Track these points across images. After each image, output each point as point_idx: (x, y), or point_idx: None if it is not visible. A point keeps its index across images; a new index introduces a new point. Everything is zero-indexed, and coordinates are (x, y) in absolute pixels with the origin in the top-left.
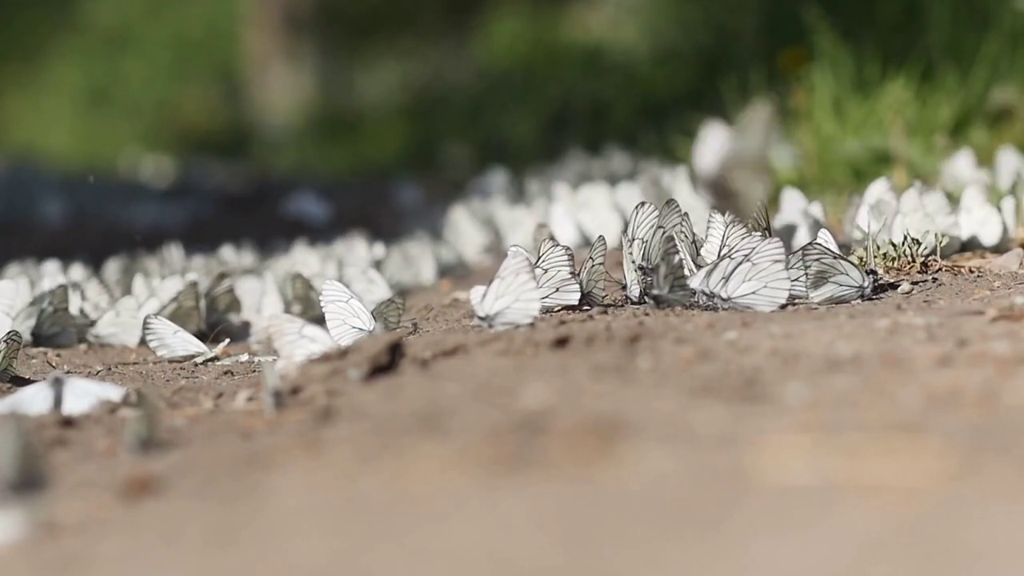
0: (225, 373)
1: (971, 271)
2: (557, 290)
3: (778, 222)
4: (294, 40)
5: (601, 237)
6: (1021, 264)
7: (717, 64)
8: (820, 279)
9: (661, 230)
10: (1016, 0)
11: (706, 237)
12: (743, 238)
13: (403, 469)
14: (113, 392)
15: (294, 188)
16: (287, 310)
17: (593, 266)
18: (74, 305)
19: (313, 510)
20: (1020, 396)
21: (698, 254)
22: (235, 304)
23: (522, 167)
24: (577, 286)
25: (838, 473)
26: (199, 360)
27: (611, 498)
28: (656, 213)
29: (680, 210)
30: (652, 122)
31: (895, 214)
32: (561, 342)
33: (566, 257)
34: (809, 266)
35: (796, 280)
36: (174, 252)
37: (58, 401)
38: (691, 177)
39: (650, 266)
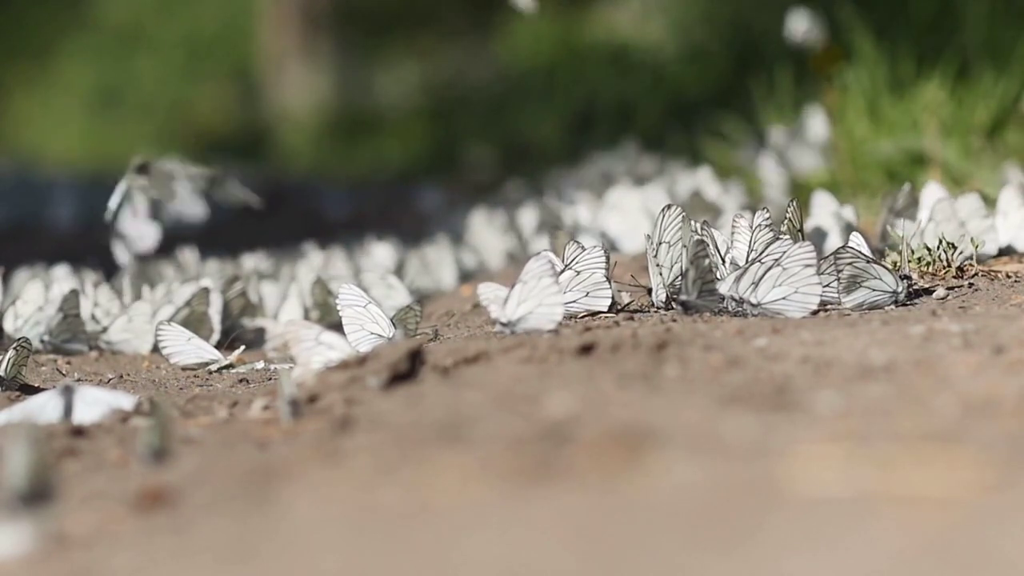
0: (240, 381)
1: (1008, 276)
2: (587, 294)
3: (809, 225)
4: (311, 38)
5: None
6: None
7: (747, 63)
8: (852, 284)
9: (677, 244)
10: None
11: (732, 243)
12: (770, 243)
13: (423, 480)
14: (125, 401)
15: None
16: (306, 316)
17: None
18: (85, 310)
19: (331, 522)
20: None
21: (724, 260)
22: (249, 308)
23: (546, 169)
24: (609, 291)
25: (871, 484)
26: (213, 368)
27: (637, 510)
28: (683, 216)
29: (687, 218)
30: (679, 122)
31: (928, 219)
32: (586, 349)
33: (601, 259)
34: (841, 270)
35: (828, 285)
36: (188, 256)
37: (68, 410)
38: None
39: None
